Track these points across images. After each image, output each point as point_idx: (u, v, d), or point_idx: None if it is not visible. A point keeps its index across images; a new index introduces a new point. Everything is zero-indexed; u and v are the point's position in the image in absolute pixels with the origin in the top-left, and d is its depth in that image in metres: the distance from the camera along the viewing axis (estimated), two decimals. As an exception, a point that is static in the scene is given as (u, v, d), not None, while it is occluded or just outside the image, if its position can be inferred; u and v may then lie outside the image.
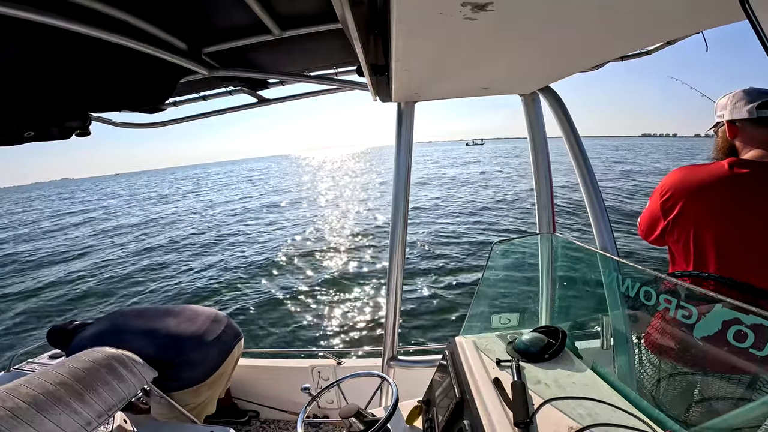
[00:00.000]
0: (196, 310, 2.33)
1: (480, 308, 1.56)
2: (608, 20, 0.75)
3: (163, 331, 2.09)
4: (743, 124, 1.23)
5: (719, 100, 1.32)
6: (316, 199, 22.05)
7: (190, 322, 2.19)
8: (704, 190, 1.19)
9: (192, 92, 1.88)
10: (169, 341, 2.05)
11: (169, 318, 2.20)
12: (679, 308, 0.91)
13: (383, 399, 1.89)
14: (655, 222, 1.36)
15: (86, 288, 8.74)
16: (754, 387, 0.89)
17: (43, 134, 1.49)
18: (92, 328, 2.13)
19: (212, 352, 2.16)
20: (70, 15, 0.88)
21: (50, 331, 2.24)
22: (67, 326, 2.20)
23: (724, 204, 1.16)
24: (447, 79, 1.22)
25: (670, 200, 1.27)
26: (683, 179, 1.25)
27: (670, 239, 1.32)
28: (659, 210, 1.31)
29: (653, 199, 1.36)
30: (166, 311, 2.28)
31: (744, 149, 1.24)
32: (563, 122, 1.62)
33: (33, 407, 1.28)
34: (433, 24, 0.68)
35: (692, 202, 1.21)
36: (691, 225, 1.22)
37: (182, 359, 2.02)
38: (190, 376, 2.07)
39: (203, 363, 2.11)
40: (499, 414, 0.94)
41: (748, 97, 1.20)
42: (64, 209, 31.88)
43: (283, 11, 1.16)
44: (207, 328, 2.20)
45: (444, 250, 9.05)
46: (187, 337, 2.10)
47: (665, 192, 1.29)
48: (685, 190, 1.23)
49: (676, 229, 1.27)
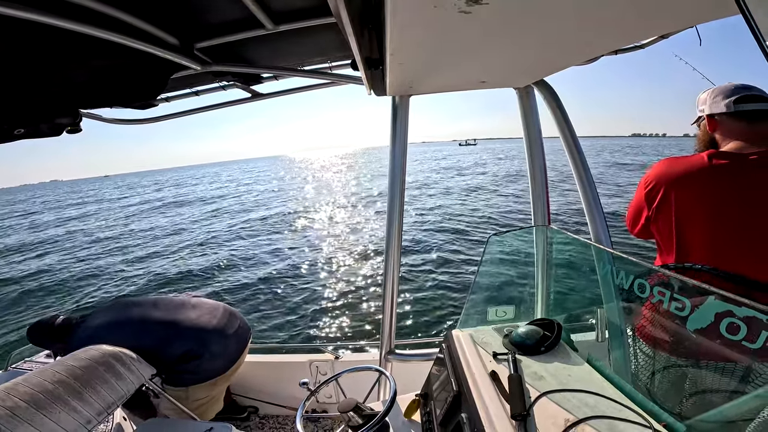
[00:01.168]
0: (211, 304, 2.32)
1: (476, 301, 1.57)
2: (602, 14, 0.75)
3: (186, 323, 2.06)
4: (721, 117, 1.28)
5: (700, 95, 1.37)
6: (312, 197, 22.00)
7: (210, 316, 2.18)
8: (685, 180, 1.24)
9: (184, 87, 1.86)
10: (192, 334, 2.03)
11: (188, 310, 2.16)
12: (672, 300, 0.92)
13: (381, 393, 1.90)
14: (639, 212, 1.40)
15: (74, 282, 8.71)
16: (748, 379, 0.90)
17: (34, 131, 1.47)
18: (98, 319, 2.00)
19: (232, 345, 2.17)
20: (60, 11, 0.86)
21: (32, 328, 2.02)
22: (53, 321, 2.02)
23: (704, 194, 1.20)
24: (441, 72, 1.22)
25: (653, 190, 1.31)
26: (666, 170, 1.29)
27: (654, 229, 1.36)
28: (644, 200, 1.35)
29: (638, 190, 1.40)
30: (182, 303, 2.21)
31: (723, 141, 1.29)
32: (558, 115, 1.62)
33: (32, 406, 1.28)
34: (428, 17, 0.68)
35: (674, 192, 1.25)
36: (672, 214, 1.26)
37: (207, 352, 2.02)
38: (212, 368, 2.07)
39: (225, 355, 2.12)
40: (496, 407, 0.95)
41: (727, 92, 1.27)
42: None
43: (276, 5, 1.14)
44: (227, 322, 2.21)
45: (440, 243, 9.08)
46: (210, 330, 2.09)
47: (649, 182, 1.33)
48: (667, 180, 1.27)
49: (660, 218, 1.31)
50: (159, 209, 22.38)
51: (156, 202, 26.74)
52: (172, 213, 19.95)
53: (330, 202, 18.50)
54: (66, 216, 24.12)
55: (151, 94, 1.55)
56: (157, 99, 1.75)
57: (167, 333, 2.00)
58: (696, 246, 1.22)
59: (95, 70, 1.33)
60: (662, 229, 1.32)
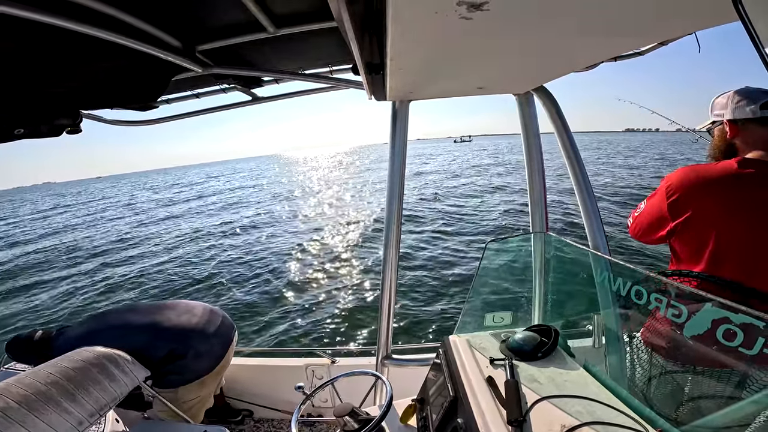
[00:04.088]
0: (189, 304, 2.31)
1: (473, 307, 1.57)
2: (602, 21, 0.76)
3: (166, 324, 2.06)
4: (746, 123, 1.22)
5: (717, 99, 1.31)
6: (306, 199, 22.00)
7: (190, 315, 2.18)
8: (716, 190, 1.17)
9: (185, 90, 1.87)
10: (174, 334, 2.03)
11: (167, 312, 2.16)
12: (669, 307, 0.92)
13: (377, 398, 1.89)
14: (659, 223, 1.32)
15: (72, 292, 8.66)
16: (744, 385, 0.90)
17: (34, 132, 1.47)
18: (77, 330, 2.04)
19: (216, 343, 2.16)
20: (62, 12, 0.87)
21: (11, 343, 2.05)
22: (32, 335, 2.05)
23: (736, 204, 1.15)
24: (441, 78, 1.22)
25: (680, 201, 1.23)
26: (692, 179, 1.22)
27: (678, 240, 1.29)
28: (666, 211, 1.27)
29: (656, 199, 1.32)
30: (159, 306, 2.23)
31: (745, 149, 1.23)
32: (557, 122, 1.63)
33: (24, 407, 1.27)
34: (429, 23, 0.68)
35: (705, 203, 1.19)
36: (704, 226, 1.19)
37: (191, 352, 2.02)
38: (198, 368, 2.07)
39: (209, 354, 2.11)
40: (493, 412, 0.94)
41: (750, 96, 1.20)
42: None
43: (278, 9, 1.15)
44: (207, 320, 2.20)
45: (437, 248, 9.07)
46: (191, 329, 2.09)
47: (672, 192, 1.25)
48: (695, 190, 1.20)
49: (687, 230, 1.23)
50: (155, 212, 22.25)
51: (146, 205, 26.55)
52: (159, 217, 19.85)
53: (329, 202, 18.51)
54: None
55: (152, 95, 1.55)
56: (157, 101, 1.75)
57: (149, 335, 2.00)
58: (731, 257, 1.16)
59: (97, 71, 1.33)
60: (689, 241, 1.25)
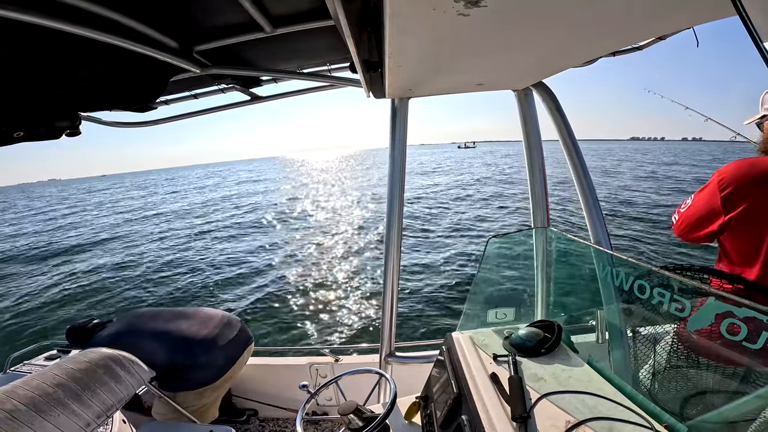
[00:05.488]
0: (209, 314, 2.38)
1: (476, 303, 1.57)
2: (600, 16, 0.75)
3: (176, 334, 2.13)
4: None
5: (766, 95, 1.29)
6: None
7: (202, 326, 2.24)
8: None
9: (184, 90, 1.87)
10: (180, 344, 2.09)
11: (182, 321, 2.24)
12: (672, 301, 0.92)
13: (381, 395, 1.89)
14: (709, 217, 1.26)
15: (81, 289, 8.69)
16: (748, 380, 0.90)
17: (33, 134, 1.47)
18: (110, 328, 2.16)
19: (221, 356, 2.20)
20: (59, 14, 0.86)
21: (70, 329, 2.26)
22: (86, 324, 2.23)
23: None
24: (440, 74, 1.22)
25: (734, 195, 1.18)
26: (746, 172, 1.17)
27: (729, 236, 1.25)
28: (719, 205, 1.21)
29: (707, 193, 1.27)
30: (180, 314, 2.32)
31: None
32: (556, 117, 1.62)
33: (32, 409, 1.27)
34: (427, 20, 0.68)
35: (761, 196, 1.14)
36: (759, 221, 1.14)
37: (191, 362, 2.07)
38: (197, 378, 2.10)
39: (211, 366, 2.15)
40: (497, 409, 0.94)
41: None
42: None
43: (275, 9, 1.15)
44: (219, 333, 2.25)
45: (439, 245, 9.07)
46: (199, 340, 2.14)
47: (725, 185, 1.19)
48: (751, 183, 1.15)
49: (741, 226, 1.19)
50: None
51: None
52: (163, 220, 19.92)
53: (329, 203, 18.54)
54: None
55: (150, 96, 1.55)
56: (156, 102, 1.75)
57: (156, 344, 2.06)
58: None
59: (95, 73, 1.33)
60: (743, 237, 1.20)
